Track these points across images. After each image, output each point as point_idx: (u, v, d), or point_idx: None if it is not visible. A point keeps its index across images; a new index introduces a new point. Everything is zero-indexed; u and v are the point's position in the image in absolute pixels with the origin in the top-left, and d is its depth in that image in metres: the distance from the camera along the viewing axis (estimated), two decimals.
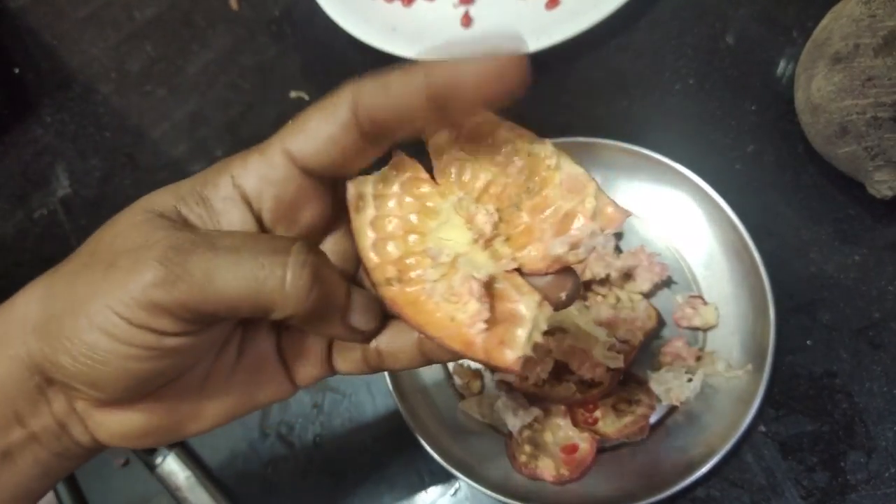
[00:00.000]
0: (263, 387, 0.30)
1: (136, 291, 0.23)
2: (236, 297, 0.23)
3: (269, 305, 0.24)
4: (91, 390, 0.25)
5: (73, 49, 0.69)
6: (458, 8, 0.62)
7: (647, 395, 0.46)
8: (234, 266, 0.23)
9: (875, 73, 0.44)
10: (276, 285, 0.23)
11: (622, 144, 0.51)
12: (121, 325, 0.23)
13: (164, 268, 0.23)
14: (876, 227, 0.50)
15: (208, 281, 0.23)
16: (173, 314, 0.23)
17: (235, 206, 0.26)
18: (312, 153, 0.25)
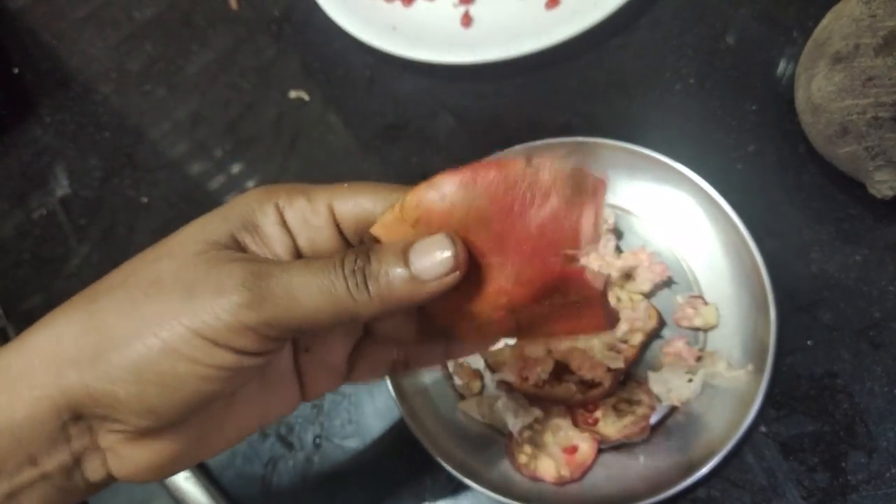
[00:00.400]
0: (276, 402, 0.31)
1: (224, 314, 0.24)
2: (318, 309, 0.25)
3: (351, 314, 0.26)
4: (142, 419, 0.25)
5: (73, 49, 0.69)
6: (458, 7, 0.62)
7: (647, 395, 0.46)
8: (308, 282, 0.25)
9: (875, 72, 0.44)
10: (345, 296, 0.26)
11: (622, 144, 0.51)
12: (203, 347, 0.25)
13: (249, 291, 0.25)
14: (877, 227, 0.50)
15: (292, 299, 0.25)
16: (259, 332, 0.25)
17: (283, 232, 0.28)
18: (353, 220, 0.29)
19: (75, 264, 0.60)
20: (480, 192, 0.27)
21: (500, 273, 0.28)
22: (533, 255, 0.28)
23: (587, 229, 0.27)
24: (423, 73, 0.61)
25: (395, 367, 0.32)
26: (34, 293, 0.59)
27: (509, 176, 0.27)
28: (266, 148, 0.61)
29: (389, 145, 0.59)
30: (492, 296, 0.28)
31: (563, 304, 0.28)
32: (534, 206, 0.27)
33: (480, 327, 0.30)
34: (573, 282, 0.28)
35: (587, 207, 0.27)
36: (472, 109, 0.60)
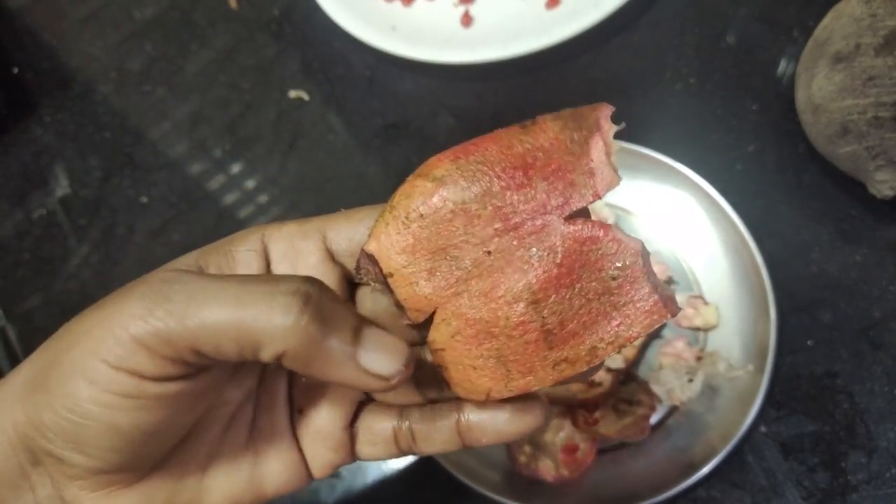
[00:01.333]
0: (273, 474, 0.27)
1: (116, 328, 0.21)
2: (219, 326, 0.21)
3: (257, 340, 0.21)
4: (75, 454, 0.23)
5: (73, 49, 0.69)
6: (458, 7, 0.62)
7: (647, 395, 0.46)
8: (219, 292, 0.21)
9: (876, 72, 0.44)
10: (260, 313, 0.21)
11: (623, 144, 0.51)
12: (100, 369, 0.22)
13: (144, 298, 0.22)
14: (877, 227, 0.50)
15: (188, 307, 0.21)
16: (151, 350, 0.21)
17: (256, 259, 0.26)
18: (346, 243, 0.26)
19: (75, 264, 0.60)
20: (476, 167, 0.24)
21: (512, 255, 0.24)
22: (547, 222, 0.23)
23: (600, 167, 0.24)
24: (423, 73, 0.61)
25: (399, 443, 0.27)
26: (34, 293, 0.59)
27: (504, 143, 0.24)
28: (266, 148, 0.61)
29: (389, 145, 0.59)
30: (507, 287, 0.24)
31: (600, 290, 0.23)
32: (537, 169, 0.24)
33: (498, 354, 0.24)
34: (602, 245, 0.23)
35: (594, 143, 0.24)
36: (472, 109, 0.60)
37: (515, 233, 0.24)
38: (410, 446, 0.27)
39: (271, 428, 0.27)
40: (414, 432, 0.27)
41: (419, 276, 0.25)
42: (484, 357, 0.24)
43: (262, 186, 0.60)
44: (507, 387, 0.24)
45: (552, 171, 0.23)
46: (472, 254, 0.24)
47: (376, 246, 0.25)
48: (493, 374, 0.24)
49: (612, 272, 0.23)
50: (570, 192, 0.23)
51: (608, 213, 0.51)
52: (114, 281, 0.58)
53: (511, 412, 0.25)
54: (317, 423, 0.27)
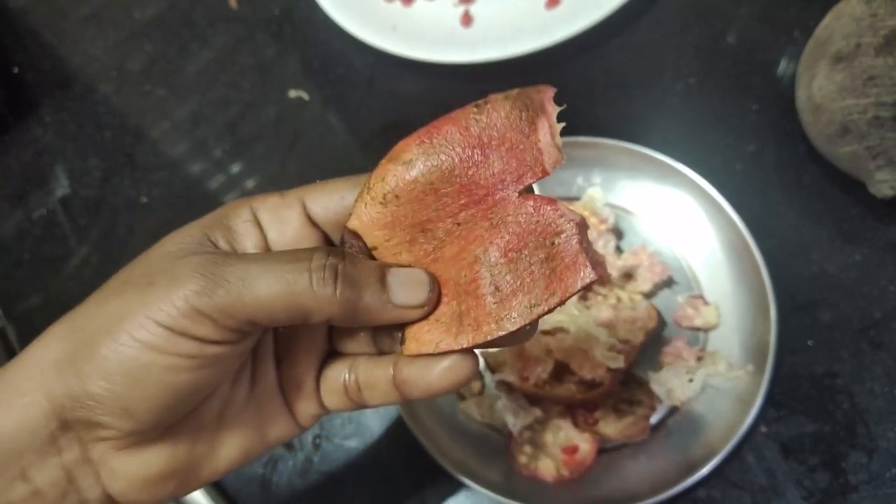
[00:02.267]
0: (272, 424, 0.30)
1: (178, 301, 0.24)
2: (272, 300, 0.25)
3: (305, 309, 0.25)
4: (120, 419, 0.25)
5: (73, 49, 0.69)
6: (458, 7, 0.62)
7: (647, 395, 0.46)
8: (264, 271, 0.25)
9: (876, 72, 0.44)
10: (305, 289, 0.25)
11: (622, 144, 0.51)
12: (163, 335, 0.24)
13: (203, 277, 0.25)
14: (877, 227, 0.50)
15: (245, 286, 0.25)
16: (215, 321, 0.25)
17: (253, 228, 0.29)
18: (321, 209, 0.29)
19: (75, 264, 0.60)
20: (439, 149, 0.27)
21: (476, 225, 0.27)
22: (504, 196, 0.27)
23: (547, 147, 0.26)
24: (422, 73, 0.61)
25: (348, 393, 0.30)
26: (34, 293, 0.59)
27: (462, 124, 0.27)
28: (266, 147, 0.61)
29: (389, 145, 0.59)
30: (469, 251, 0.27)
31: (543, 257, 0.26)
32: (492, 148, 0.27)
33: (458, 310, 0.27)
34: (547, 216, 0.26)
35: (540, 124, 0.27)
36: None
37: (478, 206, 0.27)
38: (358, 397, 0.30)
39: (267, 379, 0.30)
40: (359, 384, 0.30)
41: (401, 247, 0.28)
42: (446, 313, 0.28)
43: (262, 186, 0.60)
44: (456, 340, 0.27)
45: (506, 149, 0.27)
46: (444, 225, 0.28)
47: (359, 224, 0.28)
48: (448, 328, 0.27)
49: (554, 240, 0.26)
50: (523, 169, 0.27)
51: (609, 213, 0.51)
52: None
53: (442, 367, 0.28)
54: (292, 372, 0.30)
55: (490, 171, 0.27)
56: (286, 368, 0.30)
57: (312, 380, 0.30)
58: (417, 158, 0.27)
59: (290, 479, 0.50)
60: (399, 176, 0.27)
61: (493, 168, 0.27)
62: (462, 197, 0.27)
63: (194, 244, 0.27)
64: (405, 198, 0.27)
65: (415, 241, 0.28)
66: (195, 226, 0.28)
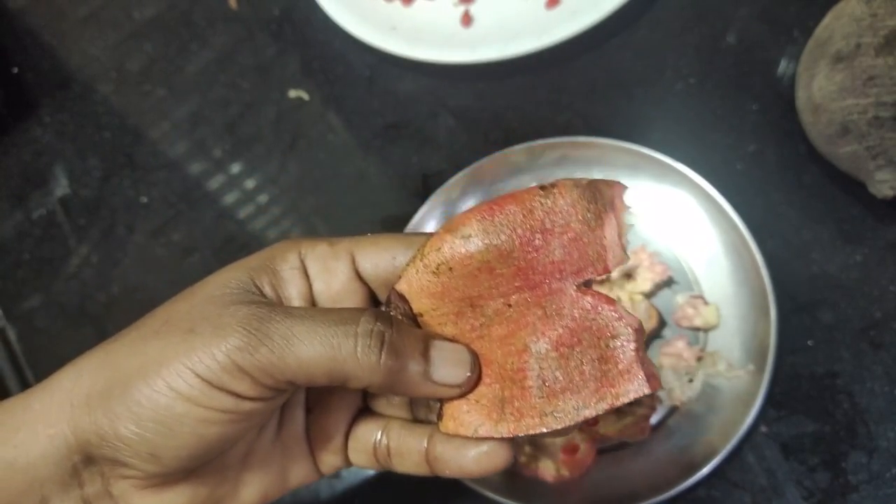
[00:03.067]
0: (294, 469, 0.30)
1: (220, 355, 0.24)
2: (314, 364, 0.25)
3: (346, 375, 0.25)
4: (147, 463, 0.25)
5: (73, 49, 0.69)
6: (458, 7, 0.62)
7: (647, 395, 0.46)
8: (309, 332, 0.25)
9: (876, 72, 0.44)
10: (349, 355, 0.25)
11: (622, 144, 0.51)
12: (200, 387, 0.24)
13: (247, 333, 0.24)
14: (877, 227, 0.50)
15: (289, 346, 0.24)
16: (254, 378, 0.24)
17: (300, 276, 0.28)
18: (371, 266, 0.29)
19: (75, 264, 0.60)
20: (500, 228, 0.26)
21: (528, 311, 0.27)
22: (561, 287, 0.26)
23: (612, 245, 0.26)
24: (423, 73, 0.61)
25: (377, 456, 0.30)
26: (34, 293, 0.59)
27: (527, 206, 0.26)
28: (266, 148, 0.61)
29: (389, 145, 0.59)
30: (519, 336, 0.27)
31: (595, 357, 0.26)
32: (555, 235, 0.26)
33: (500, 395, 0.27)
34: (605, 316, 0.26)
35: (607, 220, 0.26)
36: (472, 109, 0.60)
37: (532, 292, 0.26)
38: (386, 462, 0.30)
39: (295, 427, 0.30)
40: (390, 450, 0.29)
41: (446, 318, 0.27)
42: (488, 396, 0.27)
43: (262, 186, 0.60)
44: (496, 427, 0.27)
45: (569, 239, 0.26)
46: (494, 304, 0.27)
47: (407, 288, 0.27)
48: (489, 412, 0.27)
49: (609, 342, 0.26)
50: (584, 263, 0.26)
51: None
52: (113, 281, 0.58)
53: (478, 452, 0.27)
54: (322, 423, 0.30)
55: (550, 258, 0.26)
56: (316, 418, 0.30)
57: (341, 434, 0.30)
58: (476, 234, 0.26)
59: None
60: (455, 249, 0.27)
61: (553, 256, 0.26)
62: (517, 279, 0.26)
63: (240, 290, 0.27)
64: (459, 271, 0.27)
65: (462, 314, 0.27)
66: (241, 267, 0.28)
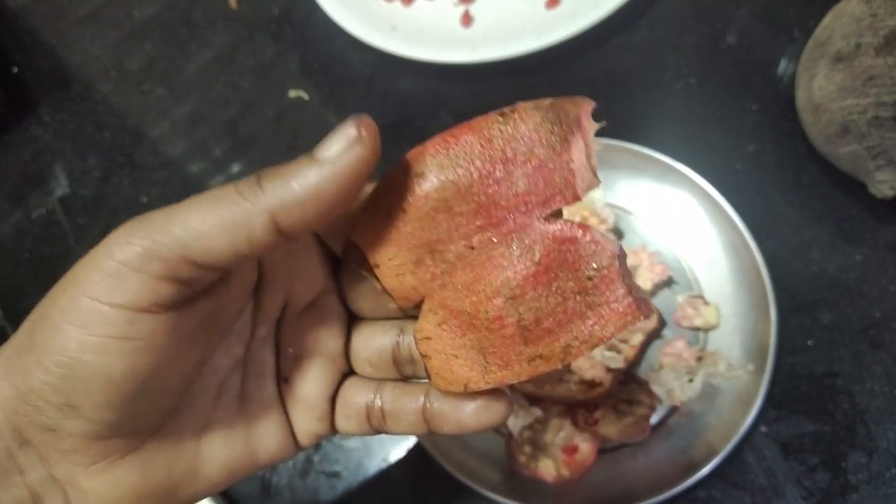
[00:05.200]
0: (263, 445, 0.28)
1: (101, 260, 0.22)
2: (204, 227, 0.22)
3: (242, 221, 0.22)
4: (68, 418, 0.23)
5: (73, 48, 0.68)
6: (458, 7, 0.62)
7: (647, 395, 0.46)
8: (191, 202, 0.22)
9: (876, 72, 0.44)
10: (234, 198, 0.22)
11: (623, 144, 0.51)
12: (90, 308, 0.22)
13: (124, 228, 0.22)
14: (877, 227, 0.50)
15: (170, 219, 0.22)
16: (141, 271, 0.22)
17: None
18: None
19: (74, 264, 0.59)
20: (456, 162, 0.24)
21: (493, 251, 0.24)
22: (527, 221, 0.23)
23: (580, 168, 0.23)
24: (422, 73, 0.61)
25: (370, 420, 0.28)
26: (33, 293, 0.59)
27: (484, 135, 0.24)
28: (265, 147, 0.61)
29: (389, 145, 0.59)
30: (487, 281, 0.24)
31: (576, 290, 0.23)
32: (517, 164, 0.23)
33: (479, 346, 0.25)
34: (580, 245, 0.23)
35: (574, 142, 0.23)
36: (472, 109, 0.59)
37: (496, 229, 0.24)
38: (381, 424, 0.28)
39: (261, 397, 0.28)
40: (384, 411, 0.28)
41: (404, 267, 0.25)
42: (466, 347, 0.25)
43: None
44: (484, 379, 0.24)
45: (533, 167, 0.23)
46: (455, 248, 0.24)
47: (361, 236, 0.25)
48: (472, 364, 0.25)
49: (589, 272, 0.23)
50: (551, 191, 0.23)
51: (609, 213, 0.51)
52: None
53: (475, 406, 0.26)
54: (302, 392, 0.28)
55: (513, 190, 0.23)
56: (295, 389, 0.28)
57: (326, 401, 0.28)
58: (430, 170, 0.24)
59: (291, 479, 0.50)
60: (408, 188, 0.24)
61: (516, 188, 0.23)
62: (478, 218, 0.24)
63: None
64: (414, 214, 0.24)
65: (421, 262, 0.25)
66: None
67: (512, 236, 0.24)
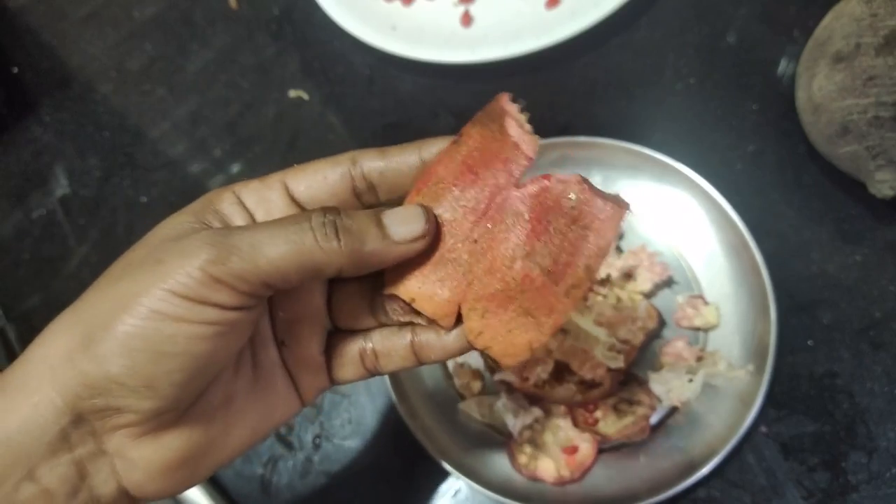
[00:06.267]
0: (277, 404, 0.31)
1: (194, 271, 0.25)
2: (283, 261, 0.26)
3: (315, 265, 0.26)
4: (143, 398, 0.25)
5: (73, 48, 0.69)
6: (458, 7, 0.62)
7: (647, 395, 0.46)
8: (272, 236, 0.26)
9: (876, 72, 0.44)
10: (311, 245, 0.26)
11: (622, 144, 0.51)
12: (184, 305, 0.25)
13: (214, 247, 0.25)
14: (877, 227, 0.50)
15: (256, 251, 0.26)
16: (232, 286, 0.25)
17: (241, 210, 0.30)
18: (304, 189, 0.30)
19: (75, 264, 0.60)
20: (436, 189, 0.29)
21: (493, 233, 0.29)
22: (505, 197, 0.28)
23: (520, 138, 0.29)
24: (423, 73, 0.61)
25: (364, 362, 0.32)
26: (34, 293, 0.59)
27: (446, 161, 0.29)
28: (266, 147, 0.61)
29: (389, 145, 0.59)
30: (501, 256, 0.28)
31: (569, 222, 0.28)
32: (480, 165, 0.29)
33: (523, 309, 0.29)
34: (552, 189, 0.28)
35: (508, 124, 0.29)
36: (472, 109, 0.59)
37: (487, 216, 0.29)
38: (374, 365, 0.31)
39: (267, 363, 0.31)
40: (376, 352, 0.31)
41: (433, 287, 0.29)
42: (514, 318, 0.28)
43: None
44: (541, 331, 0.28)
45: (489, 159, 0.29)
46: (463, 248, 0.29)
47: (392, 285, 0.29)
48: (526, 328, 0.28)
49: (570, 204, 0.28)
50: (510, 166, 0.29)
51: None
52: None
53: (456, 332, 0.30)
54: (298, 351, 0.31)
55: (484, 183, 0.28)
56: (291, 349, 0.31)
57: (319, 355, 0.31)
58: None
59: (291, 479, 0.50)
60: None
61: (486, 180, 0.28)
62: (470, 216, 0.29)
63: (192, 226, 0.28)
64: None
65: (444, 277, 0.29)
66: (186, 212, 0.29)
67: (500, 214, 0.28)
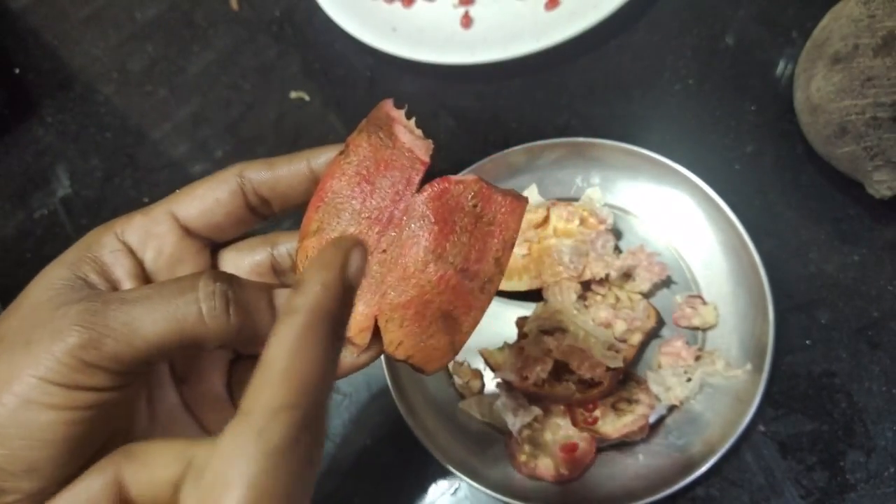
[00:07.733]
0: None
1: (65, 357, 0.23)
2: (163, 340, 0.24)
3: (199, 339, 0.25)
4: (25, 481, 0.24)
5: (75, 49, 0.69)
6: (458, 8, 0.62)
7: (646, 394, 0.46)
8: (150, 312, 0.24)
9: (874, 73, 0.44)
10: (196, 320, 0.24)
11: (622, 144, 0.51)
12: (57, 392, 0.23)
13: (85, 330, 0.24)
14: (875, 227, 0.50)
15: (132, 331, 0.24)
16: (106, 369, 0.24)
17: (124, 256, 0.28)
18: (196, 215, 0.28)
19: None
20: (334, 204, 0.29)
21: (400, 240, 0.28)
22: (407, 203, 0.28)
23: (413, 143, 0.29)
24: (423, 74, 0.61)
25: None
26: None
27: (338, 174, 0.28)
28: (267, 148, 0.61)
29: None
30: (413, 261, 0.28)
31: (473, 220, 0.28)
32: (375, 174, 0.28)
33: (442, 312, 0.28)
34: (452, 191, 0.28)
35: (397, 130, 0.29)
36: (472, 109, 0.60)
37: (392, 225, 0.28)
38: None
39: (168, 406, 0.29)
40: None
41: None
42: (433, 323, 0.28)
43: None
44: (462, 330, 0.28)
45: (384, 168, 0.29)
46: (374, 260, 0.28)
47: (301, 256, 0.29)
48: (446, 330, 0.28)
49: (471, 202, 0.28)
50: (406, 172, 0.29)
51: (607, 214, 0.51)
52: None
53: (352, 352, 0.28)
54: (199, 388, 0.29)
55: (382, 193, 0.28)
56: (192, 386, 0.30)
57: (223, 389, 0.30)
58: (322, 222, 0.28)
59: None
60: (318, 246, 0.29)
61: (384, 190, 0.28)
62: (374, 226, 0.28)
63: (65, 288, 0.26)
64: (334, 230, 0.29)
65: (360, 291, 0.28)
66: (60, 264, 0.27)
67: (404, 220, 0.28)
